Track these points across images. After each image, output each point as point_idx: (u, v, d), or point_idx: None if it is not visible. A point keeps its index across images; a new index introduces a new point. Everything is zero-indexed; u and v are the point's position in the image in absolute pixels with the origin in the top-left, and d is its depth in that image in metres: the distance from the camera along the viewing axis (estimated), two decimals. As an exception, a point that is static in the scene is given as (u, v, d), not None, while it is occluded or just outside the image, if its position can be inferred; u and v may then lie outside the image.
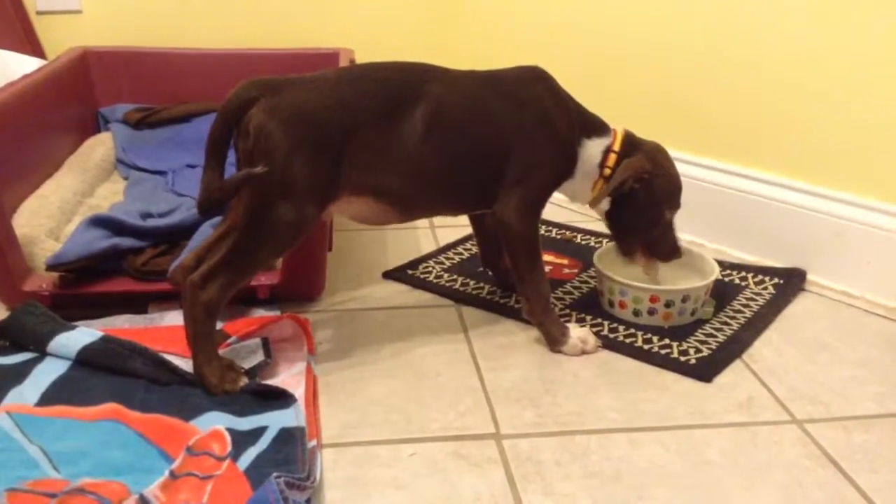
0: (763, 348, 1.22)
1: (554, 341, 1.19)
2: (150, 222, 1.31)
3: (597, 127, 1.21)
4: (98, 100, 1.83)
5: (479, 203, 1.19)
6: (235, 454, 0.92)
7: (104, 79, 1.83)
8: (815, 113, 1.38)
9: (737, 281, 1.42)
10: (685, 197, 1.24)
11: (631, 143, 1.21)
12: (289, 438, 0.94)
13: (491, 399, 1.08)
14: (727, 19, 1.47)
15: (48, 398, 1.01)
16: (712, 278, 1.28)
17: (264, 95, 1.00)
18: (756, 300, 1.35)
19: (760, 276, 1.43)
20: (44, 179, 1.47)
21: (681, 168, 1.27)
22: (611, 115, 1.26)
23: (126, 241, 1.25)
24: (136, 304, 1.25)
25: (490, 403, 1.07)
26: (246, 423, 0.97)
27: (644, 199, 1.19)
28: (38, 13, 1.87)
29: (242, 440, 0.94)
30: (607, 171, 1.19)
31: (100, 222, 1.27)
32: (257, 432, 0.96)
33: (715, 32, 1.50)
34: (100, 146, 1.69)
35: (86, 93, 1.81)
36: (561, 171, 1.19)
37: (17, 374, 1.06)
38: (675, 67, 1.57)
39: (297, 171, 1.00)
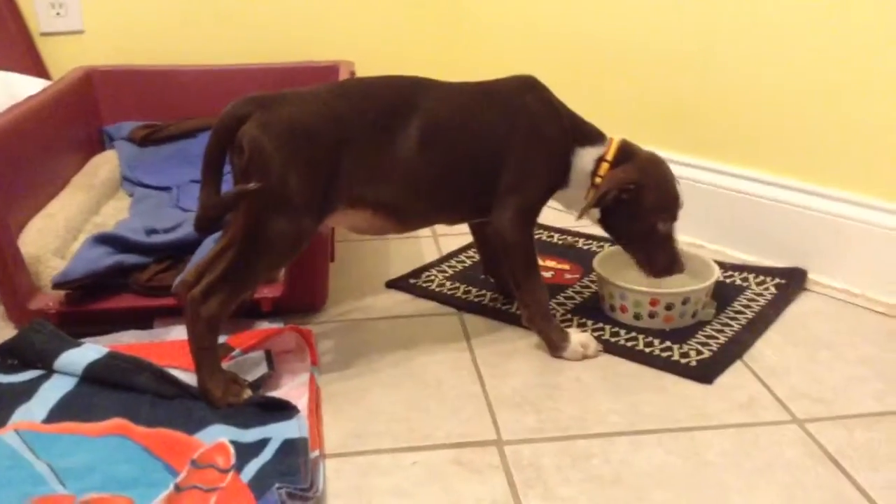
0: (764, 348, 1.23)
1: (554, 347, 1.20)
2: (155, 238, 1.33)
3: (591, 136, 1.21)
4: (102, 118, 1.86)
5: (474, 212, 1.20)
6: (239, 466, 0.93)
7: (108, 97, 1.86)
8: (813, 112, 1.38)
9: (738, 282, 1.42)
10: (686, 199, 1.24)
11: (625, 153, 1.20)
12: (292, 450, 0.95)
13: (493, 406, 1.09)
14: (722, 21, 1.48)
15: (55, 415, 1.03)
16: (712, 280, 1.28)
17: (257, 111, 1.02)
18: (757, 300, 1.35)
19: (762, 277, 1.43)
20: (50, 199, 1.49)
21: (680, 170, 1.27)
22: (609, 119, 1.27)
23: (130, 258, 1.27)
24: (142, 319, 1.26)
25: (492, 410, 1.08)
26: (249, 436, 0.98)
27: (633, 210, 1.19)
28: (42, 34, 1.90)
29: (246, 452, 0.95)
30: (598, 181, 1.20)
31: (104, 240, 1.28)
32: (261, 444, 0.97)
33: (711, 34, 1.51)
34: (105, 164, 1.71)
35: (90, 112, 1.83)
36: (553, 179, 1.20)
37: (25, 392, 1.07)
38: (672, 70, 1.58)
39: (292, 185, 1.01)
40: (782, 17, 1.39)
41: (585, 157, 1.20)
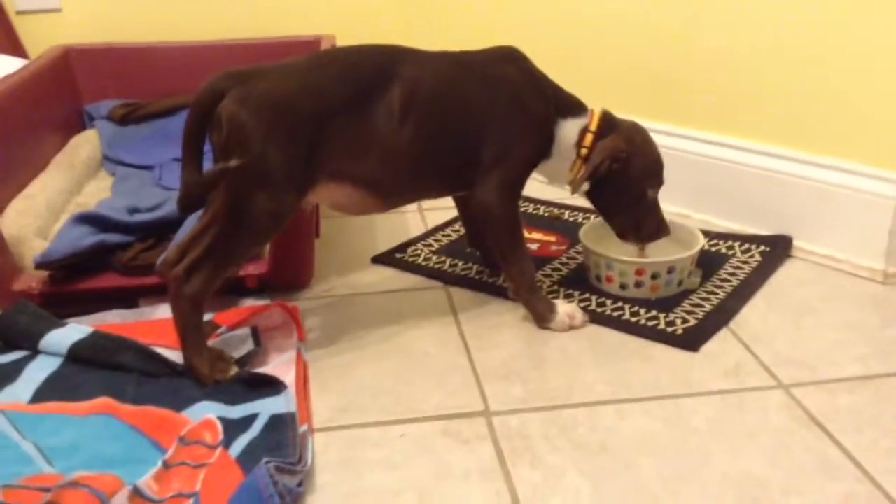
0: (750, 315, 1.23)
1: (541, 318, 1.20)
2: (137, 217, 1.31)
3: (573, 107, 1.21)
4: (82, 97, 1.83)
5: (458, 185, 1.20)
6: (227, 442, 0.93)
7: (87, 76, 1.83)
8: (794, 79, 1.38)
9: (724, 250, 1.43)
10: (669, 169, 1.25)
11: (608, 123, 1.20)
12: (279, 425, 0.95)
13: (480, 377, 1.10)
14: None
15: (41, 395, 1.03)
16: (697, 248, 1.28)
17: (235, 86, 1.00)
18: (743, 268, 1.36)
19: (747, 245, 1.43)
20: (30, 179, 1.47)
21: (663, 140, 1.27)
22: (590, 90, 1.26)
23: (113, 237, 1.26)
24: (127, 298, 1.25)
25: (479, 382, 1.09)
26: (237, 412, 0.98)
27: (624, 179, 1.19)
28: (18, 13, 1.87)
29: (234, 428, 0.95)
30: (584, 151, 1.19)
31: (85, 219, 1.27)
32: (248, 420, 0.97)
33: (691, 3, 1.50)
34: (86, 144, 1.69)
35: (70, 91, 1.81)
36: (537, 151, 1.19)
37: (10, 373, 1.07)
38: (653, 39, 1.57)
39: (272, 160, 1.00)
40: (765, -17, 1.39)
41: (569, 128, 1.20)
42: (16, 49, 1.84)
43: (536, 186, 1.40)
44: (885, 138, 1.30)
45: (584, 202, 1.30)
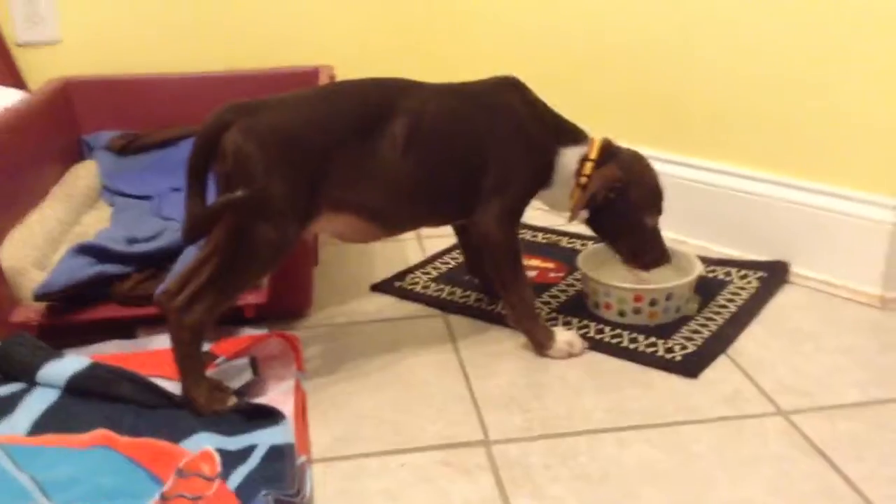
0: (748, 342, 1.23)
1: (540, 346, 1.20)
2: (136, 247, 1.32)
3: (573, 135, 1.22)
4: (81, 129, 1.84)
5: (459, 214, 1.20)
6: (225, 474, 0.92)
7: (86, 108, 1.84)
8: (790, 105, 1.40)
9: (721, 276, 1.43)
10: (666, 195, 1.25)
11: (608, 152, 1.21)
12: (278, 456, 0.95)
13: (479, 406, 1.09)
14: (699, 17, 1.49)
15: (39, 427, 1.02)
16: (695, 275, 1.29)
17: (240, 118, 1.01)
18: (740, 294, 1.36)
19: (744, 271, 1.44)
20: (29, 210, 1.47)
21: (661, 167, 1.28)
22: (589, 117, 1.28)
23: (112, 268, 1.26)
24: (125, 329, 1.25)
25: (479, 411, 1.08)
26: (235, 443, 0.98)
27: (621, 207, 1.20)
28: (19, 45, 1.88)
29: (232, 459, 0.95)
30: (583, 180, 1.20)
31: (85, 250, 1.27)
32: (247, 451, 0.96)
33: (688, 30, 1.52)
34: (84, 174, 1.70)
35: (69, 122, 1.81)
36: (537, 179, 1.20)
37: (8, 405, 1.06)
38: (650, 66, 1.59)
39: (276, 191, 1.01)
40: (758, 10, 1.40)
41: (569, 157, 1.20)
42: (16, 81, 1.85)
43: (534, 213, 1.41)
44: (881, 164, 1.31)
45: (582, 229, 1.30)
